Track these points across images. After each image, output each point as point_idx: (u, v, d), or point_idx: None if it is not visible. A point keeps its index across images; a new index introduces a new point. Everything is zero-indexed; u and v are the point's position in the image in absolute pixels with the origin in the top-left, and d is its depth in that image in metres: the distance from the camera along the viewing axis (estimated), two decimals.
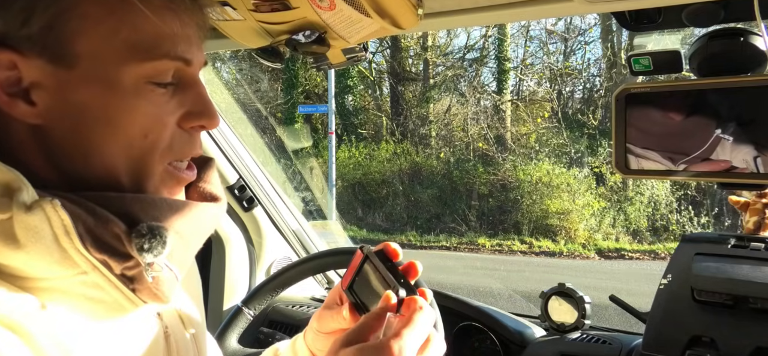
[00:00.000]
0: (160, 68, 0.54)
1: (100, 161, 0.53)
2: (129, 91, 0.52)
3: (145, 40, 0.52)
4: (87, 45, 0.51)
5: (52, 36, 0.50)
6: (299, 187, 9.67)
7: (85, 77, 0.51)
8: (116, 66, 0.52)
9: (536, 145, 12.34)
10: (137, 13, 0.52)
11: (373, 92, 14.92)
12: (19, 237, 0.46)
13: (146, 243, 0.51)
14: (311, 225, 1.84)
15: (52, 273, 0.49)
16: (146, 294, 0.53)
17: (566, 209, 10.91)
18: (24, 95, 0.51)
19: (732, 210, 8.36)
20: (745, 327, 1.08)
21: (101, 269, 0.50)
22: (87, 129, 0.52)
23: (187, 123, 0.57)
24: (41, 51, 0.50)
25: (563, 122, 12.38)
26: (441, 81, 14.17)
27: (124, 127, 0.53)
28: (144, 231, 0.51)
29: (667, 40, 0.86)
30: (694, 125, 0.77)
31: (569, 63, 13.54)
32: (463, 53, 14.27)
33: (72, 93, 0.51)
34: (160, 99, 0.54)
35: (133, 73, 0.52)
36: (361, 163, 13.23)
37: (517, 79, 13.82)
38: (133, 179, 0.55)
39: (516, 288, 7.23)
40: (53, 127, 0.52)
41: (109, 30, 0.51)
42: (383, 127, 14.11)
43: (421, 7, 0.75)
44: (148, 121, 0.54)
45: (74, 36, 0.50)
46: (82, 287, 0.50)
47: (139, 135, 0.54)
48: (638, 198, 11.10)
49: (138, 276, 0.52)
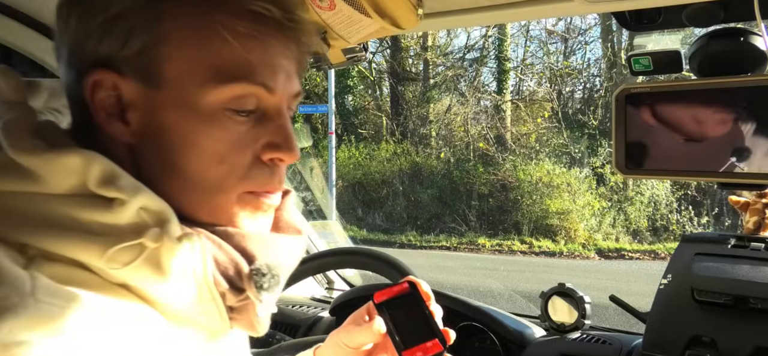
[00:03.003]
0: (238, 93, 0.54)
1: (185, 185, 0.55)
2: (207, 114, 0.54)
3: (226, 64, 0.54)
4: (174, 68, 0.53)
5: (145, 58, 0.52)
6: (299, 187, 9.66)
7: (169, 99, 0.53)
8: (197, 89, 0.53)
9: (536, 145, 12.33)
10: (221, 39, 0.53)
11: (373, 92, 14.92)
12: (164, 266, 0.49)
13: (266, 283, 0.54)
14: (311, 225, 1.83)
15: (181, 301, 0.53)
16: (244, 325, 0.57)
17: (566, 209, 10.91)
18: (120, 115, 0.54)
19: (732, 210, 8.36)
20: (745, 327, 1.08)
21: (218, 301, 0.54)
22: (169, 150, 0.54)
23: (265, 154, 0.57)
24: (136, 72, 0.53)
25: (563, 122, 12.38)
26: (441, 81, 14.17)
27: (200, 150, 0.54)
28: (264, 270, 0.54)
29: (667, 40, 0.86)
30: (694, 125, 0.77)
31: (569, 63, 13.54)
32: (463, 53, 14.27)
33: (157, 114, 0.54)
34: (239, 126, 0.55)
35: (211, 97, 0.53)
36: (361, 163, 13.23)
37: (517, 79, 13.83)
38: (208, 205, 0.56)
39: (516, 288, 7.23)
40: (145, 147, 0.55)
41: (193, 54, 0.53)
42: (383, 127, 14.11)
43: (421, 7, 0.75)
44: (224, 147, 0.55)
45: (164, 59, 0.53)
46: (198, 314, 0.54)
47: (214, 160, 0.55)
48: (638, 198, 11.09)
49: (242, 308, 0.55)
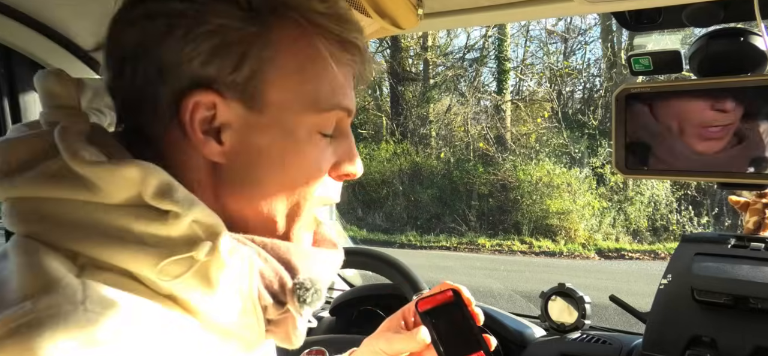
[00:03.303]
0: (331, 119, 0.57)
1: (266, 202, 0.56)
2: (303, 138, 0.56)
3: (325, 92, 0.56)
4: (277, 94, 0.54)
5: (252, 83, 0.53)
6: None
7: (269, 123, 0.54)
8: (297, 115, 0.55)
9: (536, 145, 12.33)
10: (321, 67, 0.55)
11: (373, 92, 14.92)
12: (213, 279, 0.49)
13: (309, 298, 0.54)
14: None
15: (225, 313, 0.52)
16: (280, 337, 0.57)
17: (566, 209, 10.91)
18: (215, 134, 0.54)
19: (732, 210, 8.36)
20: (745, 327, 1.08)
21: (258, 314, 0.54)
22: (261, 171, 0.55)
23: (336, 171, 0.60)
24: (241, 96, 0.53)
25: (563, 122, 12.38)
26: (441, 81, 14.17)
27: (292, 172, 0.56)
28: (308, 285, 0.54)
29: (667, 40, 0.86)
30: (694, 125, 0.77)
31: (569, 63, 13.54)
32: (463, 53, 14.27)
33: (256, 136, 0.54)
34: (323, 147, 0.58)
35: (309, 122, 0.55)
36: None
37: (517, 79, 13.83)
38: (287, 221, 0.58)
39: (516, 288, 7.24)
40: (233, 165, 0.55)
41: (297, 82, 0.55)
42: (383, 127, 14.11)
43: (421, 7, 0.75)
44: (311, 168, 0.57)
45: (269, 85, 0.54)
46: (238, 326, 0.54)
47: (302, 181, 0.57)
48: (638, 198, 11.10)
49: (281, 322, 0.56)
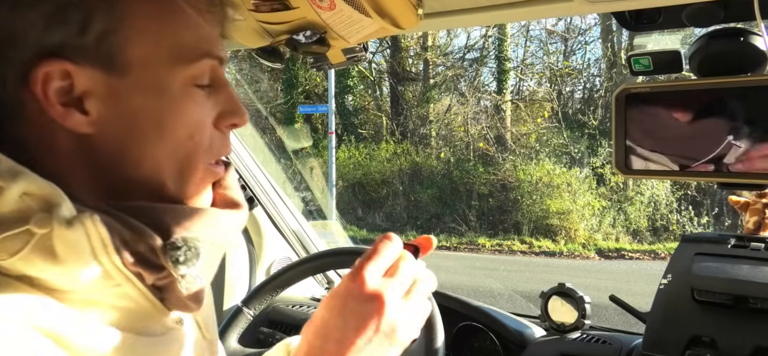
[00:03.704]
0: (203, 69, 0.56)
1: (149, 165, 0.54)
2: (178, 94, 0.54)
3: (189, 42, 0.54)
4: (137, 52, 0.52)
5: (105, 45, 0.51)
6: (299, 187, 9.66)
7: (136, 84, 0.52)
8: (165, 71, 0.53)
9: (536, 145, 12.33)
10: (180, 18, 0.54)
11: (373, 92, 14.92)
12: (59, 251, 0.47)
13: (182, 256, 0.52)
14: (311, 225, 1.83)
15: (87, 287, 0.49)
16: (175, 304, 0.55)
17: (566, 209, 10.90)
18: (77, 104, 0.52)
19: (732, 210, 8.36)
20: (745, 327, 1.08)
21: (134, 281, 0.51)
22: (138, 135, 0.53)
23: (221, 122, 0.59)
24: (95, 60, 0.51)
25: (563, 122, 12.38)
26: (441, 81, 14.17)
27: (173, 130, 0.54)
28: (179, 243, 0.52)
29: (667, 40, 0.86)
30: (694, 125, 0.77)
31: (569, 63, 13.54)
32: (463, 53, 14.28)
33: (125, 100, 0.52)
34: (201, 100, 0.56)
35: (180, 76, 0.54)
36: (361, 163, 13.23)
37: (517, 79, 13.83)
38: (178, 182, 0.56)
39: (516, 288, 7.23)
40: (104, 134, 0.53)
41: (156, 36, 0.53)
42: (383, 127, 14.11)
43: (421, 7, 0.75)
44: (193, 123, 0.55)
45: (126, 44, 0.51)
46: (113, 298, 0.52)
47: (185, 137, 0.55)
48: (638, 198, 11.09)
49: (169, 287, 0.53)
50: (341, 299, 0.56)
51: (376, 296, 0.55)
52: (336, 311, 0.56)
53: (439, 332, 1.09)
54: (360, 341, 0.55)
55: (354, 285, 0.56)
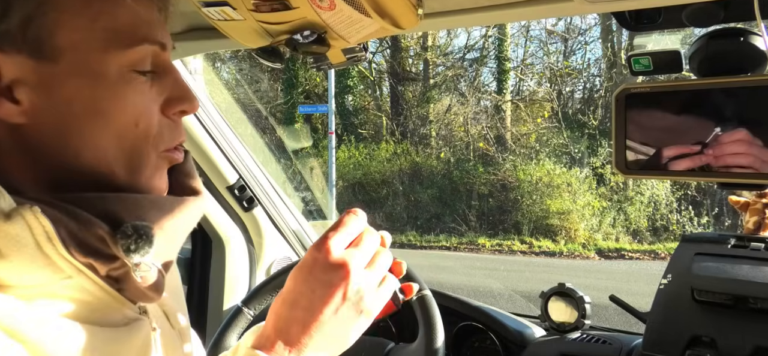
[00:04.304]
0: (142, 54, 0.53)
1: (92, 155, 0.53)
2: (115, 80, 0.52)
3: (125, 26, 0.52)
4: (68, 37, 0.50)
5: (31, 30, 0.49)
6: (299, 187, 9.67)
7: (69, 70, 0.50)
8: (100, 56, 0.51)
9: (536, 145, 12.34)
10: (115, 1, 0.52)
11: (373, 92, 14.92)
12: (0, 246, 0.45)
13: (133, 244, 0.50)
14: (311, 225, 1.83)
15: (37, 280, 0.48)
16: (133, 294, 0.54)
17: (566, 209, 10.91)
18: (7, 93, 0.50)
19: (732, 210, 8.36)
20: (745, 327, 1.08)
21: (86, 272, 0.50)
22: (77, 123, 0.52)
23: (169, 109, 0.57)
24: (21, 46, 0.49)
25: (563, 122, 12.38)
26: (441, 81, 14.18)
27: (115, 117, 0.52)
28: (129, 231, 0.50)
29: (667, 40, 0.86)
30: (694, 125, 0.77)
31: (569, 63, 13.55)
32: (463, 53, 14.28)
33: (58, 87, 0.50)
34: (143, 87, 0.54)
35: (116, 61, 0.52)
36: (361, 163, 13.23)
37: (517, 79, 13.83)
38: (128, 171, 0.55)
39: (516, 288, 7.23)
40: (40, 124, 0.51)
41: (87, 20, 0.51)
42: (383, 127, 14.11)
43: (421, 7, 0.75)
44: (137, 110, 0.54)
45: (54, 28, 0.49)
46: (67, 290, 0.50)
47: (130, 124, 0.53)
48: (638, 198, 11.10)
49: (124, 277, 0.52)
50: (307, 268, 0.57)
51: (342, 264, 0.56)
52: (302, 280, 0.57)
53: (439, 332, 1.09)
54: (327, 309, 0.55)
55: (319, 254, 0.57)
